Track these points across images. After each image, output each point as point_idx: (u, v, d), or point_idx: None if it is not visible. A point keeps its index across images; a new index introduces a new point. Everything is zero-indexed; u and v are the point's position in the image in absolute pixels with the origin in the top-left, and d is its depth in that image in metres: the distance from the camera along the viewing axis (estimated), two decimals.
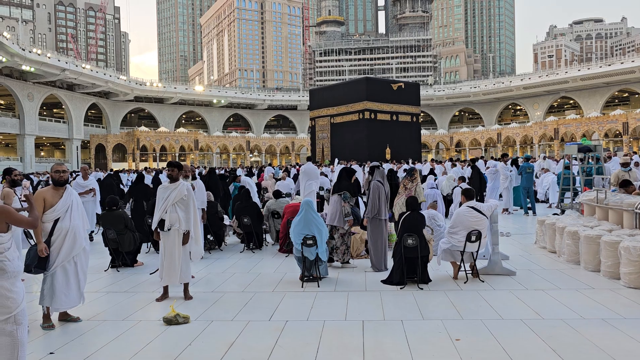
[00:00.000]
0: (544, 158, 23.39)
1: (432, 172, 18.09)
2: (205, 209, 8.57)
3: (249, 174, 22.74)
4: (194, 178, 9.00)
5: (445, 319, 5.17)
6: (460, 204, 7.18)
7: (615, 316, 5.19)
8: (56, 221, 5.22)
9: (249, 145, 69.56)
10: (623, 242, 6.50)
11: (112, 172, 18.99)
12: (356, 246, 8.61)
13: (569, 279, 6.85)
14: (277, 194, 10.41)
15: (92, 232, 11.08)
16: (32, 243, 5.53)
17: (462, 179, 12.72)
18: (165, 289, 6.23)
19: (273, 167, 29.95)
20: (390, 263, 7.24)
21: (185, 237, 6.08)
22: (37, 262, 5.10)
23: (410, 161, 25.79)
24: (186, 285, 6.24)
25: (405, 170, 19.79)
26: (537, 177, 19.02)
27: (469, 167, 16.28)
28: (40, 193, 5.26)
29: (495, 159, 19.58)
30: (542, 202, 17.56)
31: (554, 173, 18.10)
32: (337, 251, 7.84)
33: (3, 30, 46.51)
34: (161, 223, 6.09)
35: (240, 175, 15.68)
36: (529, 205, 14.36)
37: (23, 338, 3.56)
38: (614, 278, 6.64)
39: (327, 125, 38.24)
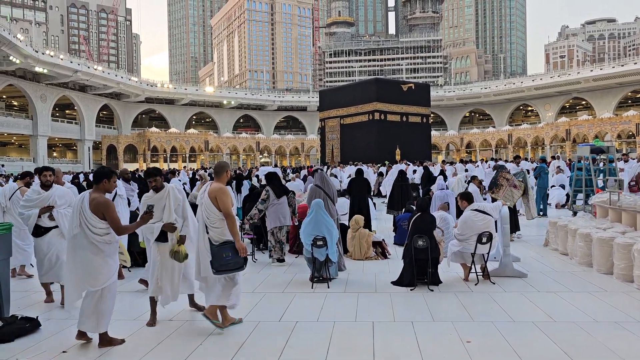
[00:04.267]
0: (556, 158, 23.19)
1: (442, 173, 18.03)
2: None
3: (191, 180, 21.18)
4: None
5: (455, 321, 5.15)
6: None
7: (628, 319, 5.14)
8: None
9: (258, 146, 69.75)
10: (636, 244, 6.43)
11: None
12: (364, 249, 8.55)
13: (582, 281, 6.79)
14: None
15: None
16: None
17: (474, 177, 12.64)
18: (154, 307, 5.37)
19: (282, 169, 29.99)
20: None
21: (183, 239, 5.20)
22: (243, 260, 4.90)
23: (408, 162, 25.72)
24: (192, 296, 5.69)
25: (414, 171, 19.72)
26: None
27: (420, 167, 16.18)
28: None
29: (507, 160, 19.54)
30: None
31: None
32: (277, 249, 8.34)
33: (17, 33, 47.08)
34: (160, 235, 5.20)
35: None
36: (541, 206, 14.26)
37: (105, 310, 4.57)
38: (627, 281, 6.56)
39: (337, 126, 38.25)
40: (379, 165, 26.72)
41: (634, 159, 16.61)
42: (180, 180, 18.31)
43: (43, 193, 6.09)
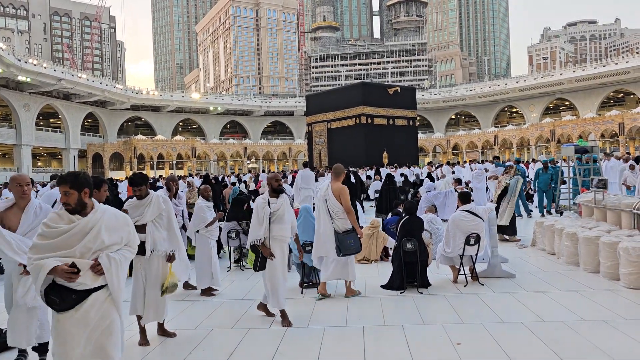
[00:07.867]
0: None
1: (429, 175, 18.13)
2: None
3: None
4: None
5: (445, 323, 5.16)
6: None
7: (615, 317, 5.19)
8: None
9: (246, 152, 69.55)
10: (622, 242, 6.50)
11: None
12: (379, 249, 8.55)
13: (569, 280, 6.85)
14: None
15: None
16: None
17: (458, 181, 12.73)
18: (143, 327, 5.05)
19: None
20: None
21: (172, 259, 5.00)
22: (360, 245, 6.24)
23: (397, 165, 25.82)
24: (161, 324, 5.15)
25: (402, 174, 19.81)
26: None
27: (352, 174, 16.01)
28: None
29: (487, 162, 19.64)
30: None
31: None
32: None
33: None
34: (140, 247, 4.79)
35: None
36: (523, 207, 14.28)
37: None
38: (614, 279, 6.63)
39: (324, 131, 38.29)
40: (367, 167, 26.80)
41: (619, 159, 16.78)
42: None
43: (80, 221, 2.98)
